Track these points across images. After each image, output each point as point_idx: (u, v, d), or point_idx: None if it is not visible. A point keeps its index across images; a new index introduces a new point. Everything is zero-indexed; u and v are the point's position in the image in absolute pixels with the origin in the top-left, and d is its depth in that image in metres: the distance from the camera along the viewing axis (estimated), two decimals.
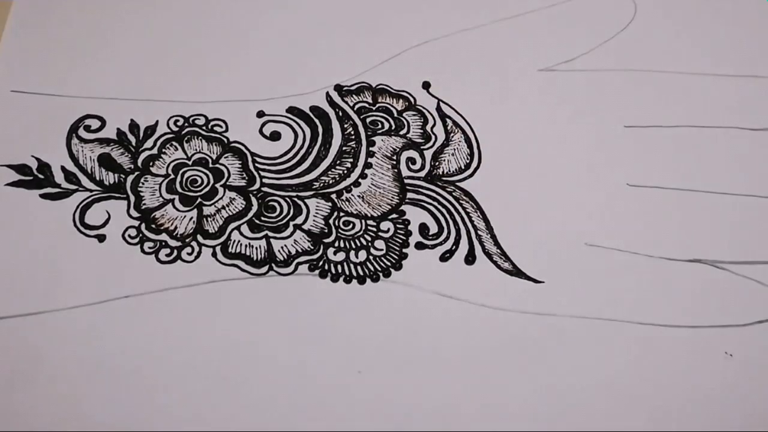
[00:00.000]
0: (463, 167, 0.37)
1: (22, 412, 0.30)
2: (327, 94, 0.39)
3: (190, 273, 0.33)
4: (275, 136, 0.38)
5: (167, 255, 0.34)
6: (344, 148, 0.38)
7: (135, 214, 0.35)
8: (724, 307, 0.34)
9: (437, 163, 0.37)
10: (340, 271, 0.34)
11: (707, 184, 0.37)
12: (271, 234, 0.35)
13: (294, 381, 0.31)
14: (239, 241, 0.34)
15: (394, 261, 0.34)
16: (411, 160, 0.37)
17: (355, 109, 0.39)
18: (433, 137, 0.38)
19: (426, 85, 0.40)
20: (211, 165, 0.37)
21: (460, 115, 0.39)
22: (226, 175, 0.36)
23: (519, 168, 0.37)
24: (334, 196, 0.36)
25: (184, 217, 0.35)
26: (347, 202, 0.36)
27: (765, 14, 0.42)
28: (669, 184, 0.37)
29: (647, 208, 0.36)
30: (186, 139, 0.37)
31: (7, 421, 0.30)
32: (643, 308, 0.33)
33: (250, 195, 0.36)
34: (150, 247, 0.34)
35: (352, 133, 0.38)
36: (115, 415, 0.30)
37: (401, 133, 0.38)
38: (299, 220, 0.35)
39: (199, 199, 0.35)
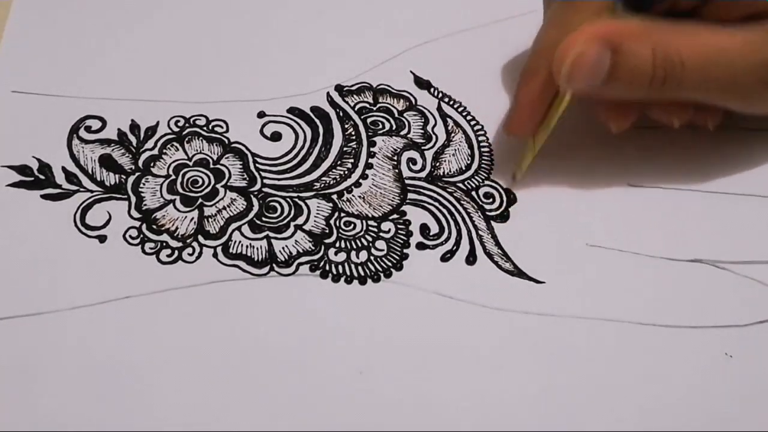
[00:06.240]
0: (463, 168, 0.37)
1: (22, 412, 0.30)
2: (327, 94, 0.39)
3: (191, 274, 0.33)
4: (276, 137, 0.38)
5: (168, 256, 0.34)
6: (345, 149, 0.38)
7: (136, 214, 0.35)
8: (724, 307, 0.34)
9: (438, 164, 0.37)
10: (341, 271, 0.34)
11: (707, 184, 0.37)
12: (272, 234, 0.35)
13: (295, 381, 0.31)
14: (240, 242, 0.34)
15: (395, 261, 0.34)
16: (412, 161, 0.37)
17: (355, 109, 0.39)
18: (433, 137, 0.38)
19: (426, 85, 0.40)
20: (211, 166, 0.37)
21: (461, 115, 0.39)
22: (227, 175, 0.36)
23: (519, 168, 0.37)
24: (335, 196, 0.36)
25: (185, 217, 0.35)
26: (348, 203, 0.36)
27: None
28: (669, 184, 0.37)
29: (648, 208, 0.36)
30: (187, 139, 0.37)
31: (7, 421, 0.30)
32: (643, 308, 0.33)
33: (251, 196, 0.36)
34: (151, 248, 0.34)
35: (353, 133, 0.38)
36: (114, 415, 0.30)
37: (402, 133, 0.38)
38: (300, 221, 0.35)
39: (200, 200, 0.35)
